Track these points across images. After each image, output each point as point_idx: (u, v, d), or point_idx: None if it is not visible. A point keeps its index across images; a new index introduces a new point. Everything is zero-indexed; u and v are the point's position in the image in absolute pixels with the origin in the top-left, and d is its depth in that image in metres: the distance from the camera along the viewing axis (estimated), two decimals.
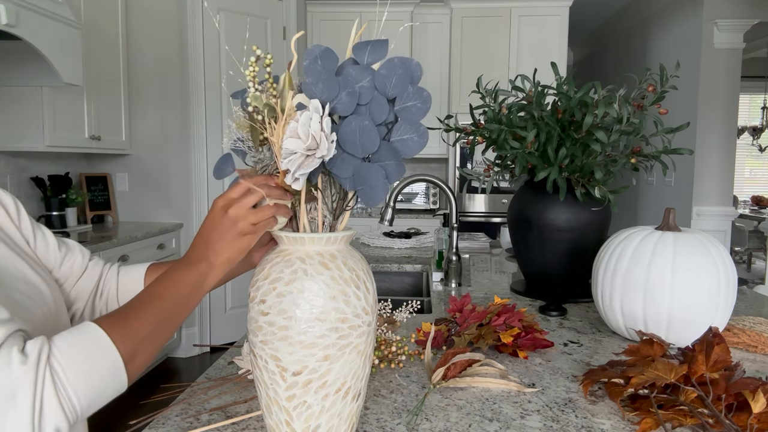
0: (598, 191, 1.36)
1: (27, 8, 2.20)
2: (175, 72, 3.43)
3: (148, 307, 0.63)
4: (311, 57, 0.64)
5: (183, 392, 0.89)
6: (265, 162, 0.70)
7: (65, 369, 0.53)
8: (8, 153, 2.80)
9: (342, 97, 0.63)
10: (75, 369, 0.53)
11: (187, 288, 0.66)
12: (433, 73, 4.48)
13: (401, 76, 0.64)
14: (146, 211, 3.55)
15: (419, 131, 0.66)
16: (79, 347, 0.54)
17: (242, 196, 0.66)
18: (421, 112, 0.66)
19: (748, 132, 6.98)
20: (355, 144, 0.63)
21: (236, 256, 0.68)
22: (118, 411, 2.67)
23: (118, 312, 0.61)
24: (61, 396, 0.52)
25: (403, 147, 0.66)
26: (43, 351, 0.52)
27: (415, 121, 0.66)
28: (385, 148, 0.65)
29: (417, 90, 0.66)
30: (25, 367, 0.50)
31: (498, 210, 4.27)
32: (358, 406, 0.69)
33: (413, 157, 0.58)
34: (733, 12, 3.96)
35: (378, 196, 0.65)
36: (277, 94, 0.65)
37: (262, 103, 0.64)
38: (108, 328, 0.57)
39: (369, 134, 0.63)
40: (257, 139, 0.68)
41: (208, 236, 0.67)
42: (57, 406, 0.51)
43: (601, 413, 0.82)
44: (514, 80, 1.49)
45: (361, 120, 0.63)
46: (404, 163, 0.72)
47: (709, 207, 4.13)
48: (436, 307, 1.44)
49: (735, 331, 1.14)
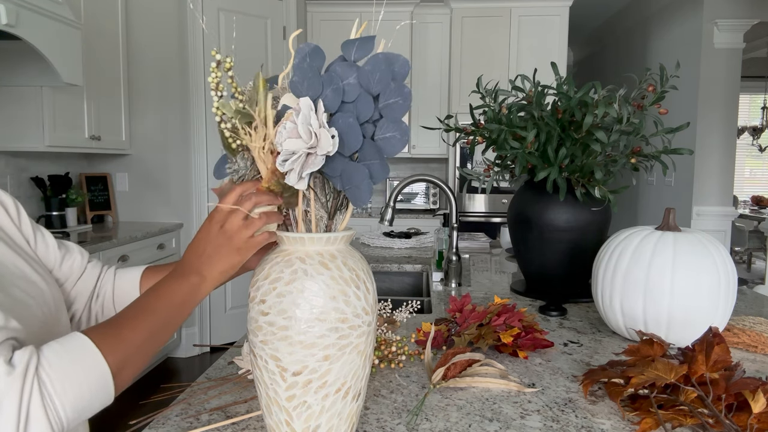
0: (598, 191, 1.36)
1: (27, 8, 2.20)
2: (175, 72, 3.43)
3: (139, 319, 0.62)
4: (300, 55, 0.64)
5: (183, 392, 0.89)
6: (241, 172, 0.69)
7: (53, 380, 0.52)
8: (8, 153, 2.80)
9: (327, 93, 0.63)
10: (63, 380, 0.53)
11: (178, 300, 0.66)
12: (433, 73, 4.48)
13: (384, 72, 0.64)
14: (146, 211, 3.55)
15: (401, 129, 0.65)
16: (68, 358, 0.54)
17: (232, 213, 0.65)
18: (403, 109, 0.65)
19: (748, 132, 6.97)
20: (341, 142, 0.63)
21: (229, 270, 0.68)
22: (118, 411, 2.67)
23: (108, 323, 0.61)
24: (47, 407, 0.51)
25: (385, 145, 0.65)
26: (32, 362, 0.51)
27: (397, 118, 0.65)
28: (369, 147, 0.65)
29: (398, 86, 0.65)
30: (11, 378, 0.49)
31: (498, 210, 4.27)
32: (358, 406, 0.69)
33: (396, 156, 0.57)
34: (733, 12, 3.96)
35: (363, 196, 0.65)
36: (245, 99, 0.63)
37: (231, 110, 0.63)
38: (97, 340, 0.57)
39: (353, 132, 0.63)
40: (229, 147, 0.66)
41: (202, 250, 0.67)
42: (43, 418, 0.51)
43: (601, 413, 0.82)
44: (514, 80, 1.49)
45: (347, 117, 0.63)
46: (404, 163, 0.72)
47: (709, 207, 4.13)
48: (436, 307, 1.44)
49: (735, 331, 1.14)
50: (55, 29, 2.40)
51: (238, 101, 0.63)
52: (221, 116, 0.63)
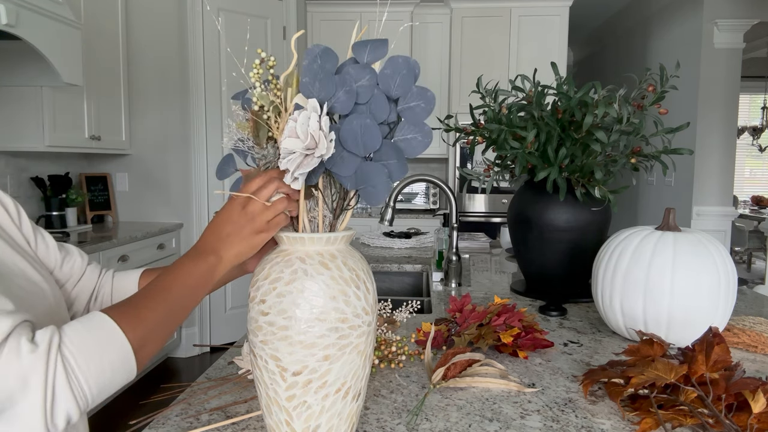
0: (598, 191, 1.36)
1: (27, 8, 2.20)
2: (175, 72, 3.43)
3: (157, 297, 0.63)
4: (311, 56, 0.64)
5: (183, 392, 0.89)
6: (269, 159, 0.70)
7: (76, 357, 0.53)
8: (8, 153, 2.80)
9: (339, 95, 0.64)
10: (86, 357, 0.54)
11: (195, 279, 0.66)
12: (433, 73, 4.48)
13: (405, 76, 0.65)
14: (146, 211, 3.55)
15: (423, 131, 0.66)
16: (89, 336, 0.55)
17: (258, 191, 0.66)
18: (425, 113, 0.66)
19: (748, 132, 6.98)
20: (356, 142, 0.63)
21: (247, 252, 0.69)
22: (118, 411, 2.67)
23: (126, 302, 0.62)
24: (72, 383, 0.52)
25: (407, 147, 0.66)
26: (54, 339, 0.52)
27: (419, 121, 0.66)
28: (388, 147, 0.65)
29: (421, 90, 0.66)
30: (35, 355, 0.50)
31: (498, 210, 4.27)
32: (358, 406, 0.69)
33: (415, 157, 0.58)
34: (733, 12, 3.96)
35: (380, 195, 0.65)
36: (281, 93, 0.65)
37: (268, 101, 0.64)
38: (117, 318, 0.58)
39: (371, 132, 0.63)
40: (264, 136, 0.68)
41: (220, 230, 0.68)
42: (69, 393, 0.52)
43: (601, 413, 0.82)
44: (514, 80, 1.49)
45: (363, 119, 0.63)
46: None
47: (709, 207, 4.13)
48: (436, 307, 1.44)
49: (735, 331, 1.14)
50: (55, 29, 2.40)
51: (276, 95, 0.65)
52: (260, 107, 0.65)
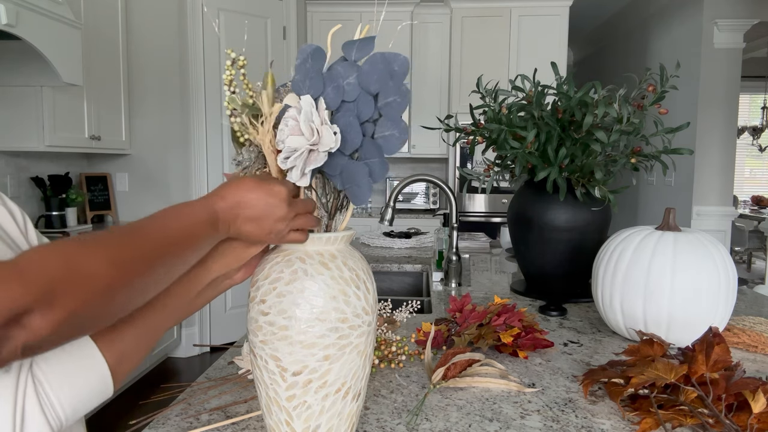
0: (598, 191, 1.36)
1: (27, 8, 2.20)
2: (175, 72, 3.43)
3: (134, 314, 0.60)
4: (303, 56, 0.65)
5: (183, 392, 0.89)
6: (245, 164, 0.69)
7: (48, 376, 0.51)
8: (8, 153, 2.80)
9: (328, 92, 0.64)
10: (59, 376, 0.52)
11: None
12: (433, 73, 4.48)
13: (382, 71, 0.64)
14: (146, 211, 3.48)
15: (400, 127, 0.66)
16: (63, 353, 0.53)
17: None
18: (401, 107, 0.66)
19: (748, 132, 6.98)
20: (343, 140, 0.64)
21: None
22: (118, 411, 2.67)
23: None
24: (44, 404, 0.51)
25: (385, 144, 0.66)
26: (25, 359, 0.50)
27: (396, 117, 0.66)
28: (369, 145, 0.66)
29: (397, 85, 0.65)
30: (5, 376, 0.49)
31: (498, 210, 4.27)
32: (358, 406, 0.69)
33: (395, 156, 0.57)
34: (733, 12, 3.96)
35: (364, 195, 0.65)
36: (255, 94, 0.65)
37: (238, 104, 0.64)
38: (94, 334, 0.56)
39: (353, 130, 0.64)
40: (237, 141, 0.68)
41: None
42: (40, 416, 0.50)
43: (601, 413, 0.82)
44: (514, 80, 1.49)
45: (348, 116, 0.64)
46: (404, 163, 0.72)
47: (709, 207, 4.13)
48: (436, 307, 1.44)
49: (735, 331, 1.14)
50: (55, 29, 2.40)
51: (248, 96, 0.65)
52: (232, 110, 0.64)
